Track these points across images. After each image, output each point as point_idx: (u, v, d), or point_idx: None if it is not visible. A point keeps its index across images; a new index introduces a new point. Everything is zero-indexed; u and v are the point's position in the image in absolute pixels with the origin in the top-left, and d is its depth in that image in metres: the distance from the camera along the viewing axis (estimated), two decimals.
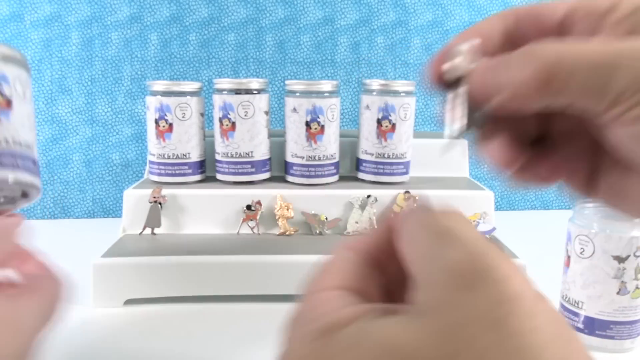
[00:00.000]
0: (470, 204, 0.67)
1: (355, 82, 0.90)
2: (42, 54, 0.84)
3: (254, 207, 0.64)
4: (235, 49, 0.88)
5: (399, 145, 0.68)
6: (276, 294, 0.57)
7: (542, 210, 0.97)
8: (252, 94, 0.65)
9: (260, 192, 0.65)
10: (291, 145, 0.68)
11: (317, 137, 0.67)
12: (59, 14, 0.83)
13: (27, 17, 0.82)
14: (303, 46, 0.88)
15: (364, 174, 0.70)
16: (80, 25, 0.84)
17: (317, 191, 0.66)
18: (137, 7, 0.84)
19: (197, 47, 0.87)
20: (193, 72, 0.87)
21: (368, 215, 0.65)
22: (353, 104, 0.91)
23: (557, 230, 0.86)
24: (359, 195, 0.65)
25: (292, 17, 0.87)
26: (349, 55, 0.89)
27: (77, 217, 0.89)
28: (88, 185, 0.87)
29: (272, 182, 0.69)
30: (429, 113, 0.93)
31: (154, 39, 0.86)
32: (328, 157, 0.68)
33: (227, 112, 0.65)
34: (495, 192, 0.95)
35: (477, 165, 0.94)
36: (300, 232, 0.64)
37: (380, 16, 0.89)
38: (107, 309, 0.53)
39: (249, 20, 0.87)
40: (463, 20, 0.90)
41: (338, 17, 0.88)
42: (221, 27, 0.87)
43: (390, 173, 0.69)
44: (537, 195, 0.97)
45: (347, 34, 0.89)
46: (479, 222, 0.65)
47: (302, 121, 0.66)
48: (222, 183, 0.68)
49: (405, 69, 0.91)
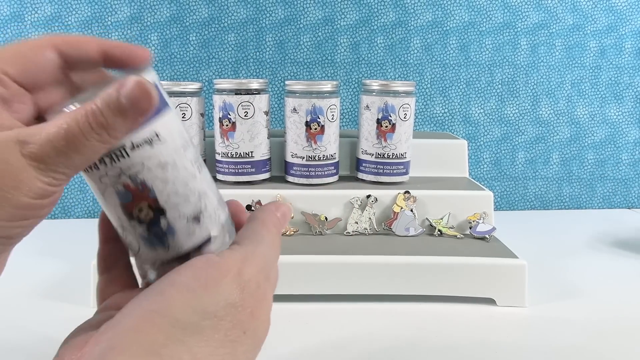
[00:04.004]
0: (470, 204, 0.67)
1: (355, 82, 0.90)
2: None
3: (254, 207, 0.64)
4: (235, 49, 0.88)
5: (398, 145, 0.68)
6: (276, 294, 0.57)
7: (542, 210, 0.97)
8: (252, 94, 0.65)
9: (260, 192, 0.65)
10: (291, 145, 0.68)
11: (317, 137, 0.67)
12: (60, 14, 0.83)
13: (27, 17, 0.82)
14: (303, 46, 0.88)
15: (363, 174, 0.71)
16: (80, 26, 0.84)
17: (317, 191, 0.66)
18: (137, 7, 0.85)
19: (197, 47, 0.87)
20: (193, 72, 0.88)
21: (368, 215, 0.65)
22: (353, 104, 0.91)
23: (557, 230, 0.86)
24: (359, 195, 0.65)
25: (292, 17, 0.88)
26: (349, 55, 0.89)
27: (77, 217, 0.89)
28: (88, 186, 0.87)
29: (272, 182, 0.69)
30: (429, 113, 0.93)
31: (154, 39, 0.86)
32: (328, 157, 0.68)
33: (227, 112, 0.65)
34: (495, 192, 0.95)
35: (477, 165, 0.94)
36: (300, 232, 0.64)
37: (380, 16, 0.89)
38: None
39: (249, 20, 0.87)
40: (463, 20, 0.90)
41: (338, 17, 0.88)
42: (221, 28, 0.87)
43: (390, 173, 0.69)
44: (537, 195, 0.97)
45: (347, 34, 0.89)
46: (478, 222, 0.65)
47: (302, 121, 0.66)
48: (222, 183, 0.68)
49: (405, 69, 0.91)
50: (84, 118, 0.22)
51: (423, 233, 0.65)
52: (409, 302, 0.57)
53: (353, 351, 0.48)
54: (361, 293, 0.57)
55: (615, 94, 0.94)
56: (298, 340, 0.50)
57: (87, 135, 0.22)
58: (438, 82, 0.92)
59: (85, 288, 0.56)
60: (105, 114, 0.22)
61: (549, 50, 0.92)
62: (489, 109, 0.93)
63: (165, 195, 0.26)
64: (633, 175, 0.98)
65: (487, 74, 0.92)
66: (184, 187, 0.26)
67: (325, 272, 0.57)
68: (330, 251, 0.59)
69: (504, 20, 0.90)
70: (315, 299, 0.57)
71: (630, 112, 0.95)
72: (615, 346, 0.49)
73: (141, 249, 0.27)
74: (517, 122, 0.94)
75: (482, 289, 0.57)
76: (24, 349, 0.48)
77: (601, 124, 0.95)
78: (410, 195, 0.66)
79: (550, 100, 0.94)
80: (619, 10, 0.91)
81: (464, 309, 0.56)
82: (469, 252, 0.59)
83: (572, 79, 0.93)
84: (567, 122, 0.95)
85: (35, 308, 0.56)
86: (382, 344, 0.49)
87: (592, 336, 0.51)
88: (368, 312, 0.55)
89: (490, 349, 0.49)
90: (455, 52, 0.91)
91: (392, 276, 0.57)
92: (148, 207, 0.26)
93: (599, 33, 0.92)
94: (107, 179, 0.25)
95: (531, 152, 0.95)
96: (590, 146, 0.96)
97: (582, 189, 0.97)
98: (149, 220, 0.26)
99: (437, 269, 0.57)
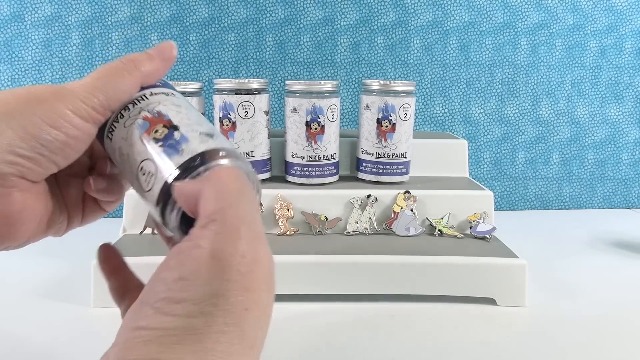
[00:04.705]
0: (470, 204, 0.67)
1: (355, 82, 0.90)
2: (43, 54, 0.84)
3: None
4: (236, 49, 0.88)
5: (399, 145, 0.68)
6: (276, 294, 0.57)
7: (542, 210, 0.97)
8: (252, 94, 0.65)
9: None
10: (291, 145, 0.68)
11: (317, 137, 0.67)
12: (60, 14, 0.83)
13: (27, 17, 0.83)
14: (303, 46, 0.88)
15: (364, 174, 0.71)
16: (80, 26, 0.84)
17: (317, 191, 0.66)
18: (138, 7, 0.85)
19: (197, 47, 0.87)
20: (193, 72, 0.88)
21: (368, 215, 0.65)
22: (353, 104, 0.91)
23: (557, 230, 0.86)
24: (359, 195, 0.65)
25: (292, 17, 0.88)
26: (349, 55, 0.89)
27: None
28: None
29: (272, 182, 0.69)
30: (429, 113, 0.93)
31: (155, 39, 0.86)
32: (328, 157, 0.68)
33: (228, 112, 0.65)
34: (495, 192, 0.95)
35: (477, 165, 0.94)
36: (300, 232, 0.64)
37: (380, 16, 0.89)
38: (107, 309, 0.53)
39: (249, 20, 0.87)
40: (463, 20, 0.90)
41: (338, 17, 0.88)
42: (221, 28, 0.87)
43: (390, 173, 0.69)
44: (537, 195, 0.97)
45: (347, 34, 0.89)
46: (479, 222, 0.65)
47: (302, 121, 0.66)
48: None
49: (405, 69, 0.91)
50: (120, 63, 0.29)
51: (423, 233, 0.65)
52: (409, 302, 0.57)
53: (353, 351, 0.48)
54: (361, 293, 0.57)
55: (615, 94, 0.94)
56: (298, 340, 0.50)
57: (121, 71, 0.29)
58: (438, 82, 0.92)
59: (85, 288, 0.56)
60: (136, 57, 0.30)
61: (549, 50, 0.92)
62: (489, 109, 0.93)
63: (179, 118, 0.28)
64: (633, 175, 0.98)
65: (487, 74, 0.92)
66: (196, 116, 0.29)
67: (325, 272, 0.57)
68: (330, 251, 0.59)
69: (504, 20, 0.90)
70: (315, 299, 0.57)
71: (630, 112, 0.95)
72: (615, 346, 0.49)
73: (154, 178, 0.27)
74: (517, 122, 0.94)
75: (482, 289, 0.57)
76: (24, 349, 0.48)
77: (601, 124, 0.95)
78: (410, 195, 0.66)
79: (551, 100, 0.94)
80: (619, 10, 0.91)
81: (464, 309, 0.56)
82: (469, 252, 0.59)
83: (572, 79, 0.93)
84: (567, 122, 0.95)
85: (36, 308, 0.56)
86: (382, 344, 0.49)
87: (592, 336, 0.51)
88: (368, 312, 0.55)
89: (490, 348, 0.49)
90: (456, 52, 0.91)
91: (392, 276, 0.57)
92: (163, 126, 0.28)
93: (599, 33, 0.92)
94: (129, 120, 0.29)
95: (531, 152, 0.95)
96: (590, 146, 0.96)
97: (582, 189, 0.97)
98: (164, 136, 0.27)
99: (437, 269, 0.57)
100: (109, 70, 0.29)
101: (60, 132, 0.26)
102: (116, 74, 0.28)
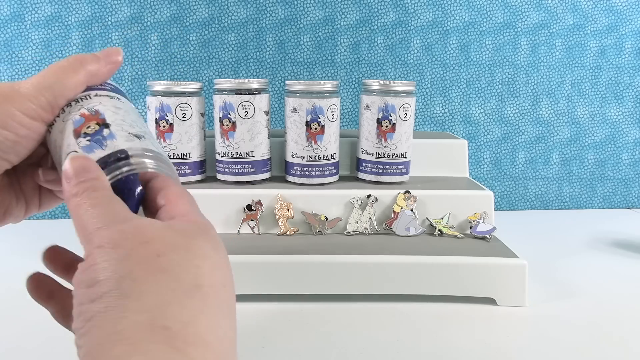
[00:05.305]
0: (470, 204, 0.67)
1: (355, 82, 0.91)
2: (43, 54, 0.84)
3: (254, 207, 0.64)
4: (236, 49, 0.88)
5: (399, 145, 0.68)
6: (276, 294, 0.57)
7: (542, 210, 0.97)
8: (253, 94, 0.65)
9: (260, 192, 0.65)
10: (291, 145, 0.68)
11: (317, 137, 0.67)
12: (60, 14, 0.83)
13: (27, 17, 0.83)
14: (303, 46, 0.88)
15: (364, 174, 0.71)
16: (80, 26, 0.84)
17: (317, 191, 0.66)
18: (138, 7, 0.85)
19: (197, 47, 0.87)
20: (193, 72, 0.88)
21: (368, 215, 0.65)
22: (353, 104, 0.91)
23: (557, 230, 0.86)
24: (359, 195, 0.65)
25: (292, 17, 0.88)
26: (349, 55, 0.89)
27: None
28: None
29: (272, 182, 0.69)
30: (429, 113, 0.93)
31: (154, 39, 0.86)
32: (328, 157, 0.68)
33: (228, 112, 0.65)
34: (496, 192, 0.95)
35: (477, 165, 0.94)
36: (300, 232, 0.64)
37: (380, 16, 0.89)
38: None
39: (249, 20, 0.87)
40: (463, 20, 0.90)
41: (338, 17, 0.88)
42: (221, 27, 0.87)
43: (390, 173, 0.69)
44: (537, 195, 0.97)
45: (347, 34, 0.89)
46: (479, 222, 0.65)
47: (302, 121, 0.66)
48: (223, 183, 0.68)
49: (405, 69, 0.91)
50: (67, 62, 0.30)
51: (423, 233, 0.65)
52: (409, 302, 0.57)
53: (353, 351, 0.48)
54: (361, 293, 0.57)
55: (615, 94, 0.94)
56: (298, 340, 0.50)
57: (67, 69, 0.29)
58: (438, 82, 0.92)
59: None
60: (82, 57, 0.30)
61: (549, 50, 0.92)
62: (489, 108, 0.93)
63: (113, 118, 0.29)
64: (633, 175, 0.98)
65: (487, 74, 0.92)
66: (133, 120, 0.30)
67: (325, 272, 0.57)
68: (330, 251, 0.59)
69: (504, 20, 0.90)
70: (315, 299, 0.57)
71: (630, 112, 0.95)
72: (615, 346, 0.49)
73: None
74: (517, 122, 0.94)
75: (483, 289, 0.57)
76: (24, 349, 0.48)
77: (601, 124, 0.95)
78: (410, 195, 0.66)
79: (551, 100, 0.94)
80: (619, 10, 0.91)
81: (464, 309, 0.56)
82: (469, 252, 0.59)
83: (572, 79, 0.93)
84: (567, 122, 0.95)
85: (36, 308, 0.55)
86: (382, 343, 0.49)
87: (592, 336, 0.51)
88: (368, 312, 0.55)
89: (490, 348, 0.49)
90: (456, 52, 0.91)
91: (392, 276, 0.57)
92: (95, 123, 0.29)
93: (599, 33, 0.92)
94: (68, 116, 0.29)
95: (531, 152, 0.95)
96: (590, 146, 0.96)
97: (582, 189, 0.97)
98: (94, 132, 0.28)
99: (437, 268, 0.57)
100: (55, 69, 0.29)
101: (11, 132, 0.28)
102: (63, 72, 0.29)
